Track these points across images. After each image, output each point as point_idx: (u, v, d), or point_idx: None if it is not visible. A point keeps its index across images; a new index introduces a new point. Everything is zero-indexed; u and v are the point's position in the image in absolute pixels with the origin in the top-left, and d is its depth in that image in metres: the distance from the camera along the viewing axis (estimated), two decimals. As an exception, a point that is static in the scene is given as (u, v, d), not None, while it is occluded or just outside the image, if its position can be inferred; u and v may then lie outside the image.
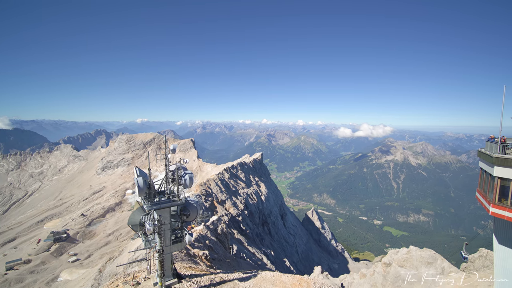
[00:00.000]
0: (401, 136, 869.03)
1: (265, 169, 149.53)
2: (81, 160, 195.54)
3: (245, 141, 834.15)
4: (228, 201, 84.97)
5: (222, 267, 32.94)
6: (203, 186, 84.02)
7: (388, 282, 45.13)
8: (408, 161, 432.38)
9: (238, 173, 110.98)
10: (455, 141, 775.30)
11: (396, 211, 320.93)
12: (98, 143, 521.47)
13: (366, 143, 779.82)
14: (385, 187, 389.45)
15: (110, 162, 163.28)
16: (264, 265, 62.06)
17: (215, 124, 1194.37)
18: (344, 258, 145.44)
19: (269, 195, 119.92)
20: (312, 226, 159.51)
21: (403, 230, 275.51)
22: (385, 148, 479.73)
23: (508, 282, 18.15)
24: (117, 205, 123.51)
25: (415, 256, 45.35)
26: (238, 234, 73.25)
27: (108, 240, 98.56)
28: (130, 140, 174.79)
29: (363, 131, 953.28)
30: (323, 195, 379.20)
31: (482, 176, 20.28)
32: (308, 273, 77.11)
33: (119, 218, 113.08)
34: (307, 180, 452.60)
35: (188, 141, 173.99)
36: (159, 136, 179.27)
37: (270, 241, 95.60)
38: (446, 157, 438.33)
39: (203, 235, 41.97)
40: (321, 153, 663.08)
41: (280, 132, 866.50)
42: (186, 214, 16.56)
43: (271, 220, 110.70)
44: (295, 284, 19.93)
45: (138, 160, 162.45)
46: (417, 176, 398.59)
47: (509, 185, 16.61)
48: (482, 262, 43.41)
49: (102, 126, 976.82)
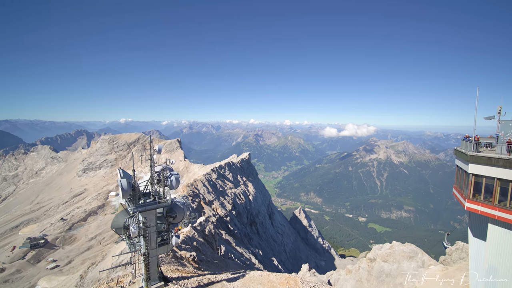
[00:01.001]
0: (384, 135, 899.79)
1: (252, 169, 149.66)
2: (60, 161, 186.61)
3: (233, 141, 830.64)
4: (215, 201, 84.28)
5: (210, 268, 32.62)
6: (190, 187, 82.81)
7: (373, 277, 46.62)
8: (390, 159, 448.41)
9: (225, 173, 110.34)
10: (433, 140, 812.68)
11: (379, 208, 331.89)
12: (79, 144, 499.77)
13: (351, 142, 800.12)
14: (369, 185, 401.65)
15: (92, 164, 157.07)
16: (253, 264, 62.12)
17: (202, 124, 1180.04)
18: (330, 255, 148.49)
19: (257, 195, 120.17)
20: (300, 224, 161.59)
21: (386, 226, 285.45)
22: (369, 147, 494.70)
23: (481, 272, 19.29)
24: (99, 208, 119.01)
25: (397, 251, 47.12)
26: (226, 234, 72.85)
27: (90, 245, 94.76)
28: (113, 141, 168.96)
29: (348, 131, 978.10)
30: (310, 194, 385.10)
31: (458, 173, 21.41)
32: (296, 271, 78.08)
33: (102, 222, 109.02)
34: (295, 180, 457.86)
35: (174, 141, 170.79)
36: (144, 136, 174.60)
37: (258, 241, 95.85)
38: (425, 155, 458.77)
39: (190, 237, 41.36)
40: (308, 153, 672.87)
41: (267, 132, 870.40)
42: (172, 215, 16.26)
43: (259, 219, 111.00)
44: (283, 282, 20.12)
45: (122, 161, 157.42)
46: (399, 174, 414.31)
47: (482, 181, 17.64)
48: (459, 254, 45.83)
49: (83, 126, 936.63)
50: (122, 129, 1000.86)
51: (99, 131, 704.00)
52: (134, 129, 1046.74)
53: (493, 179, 16.97)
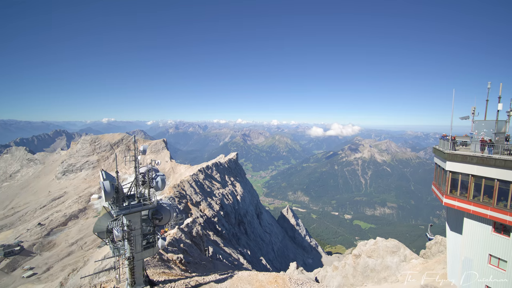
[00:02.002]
0: (368, 134, 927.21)
1: (240, 169, 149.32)
2: (37, 164, 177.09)
3: (220, 141, 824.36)
4: (203, 202, 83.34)
5: (197, 270, 32.21)
6: (177, 188, 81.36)
7: (358, 272, 47.95)
8: (374, 158, 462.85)
9: (213, 174, 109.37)
10: (414, 139, 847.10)
11: (364, 205, 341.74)
12: (58, 145, 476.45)
13: (336, 141, 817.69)
14: (354, 183, 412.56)
15: (72, 165, 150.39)
16: (241, 265, 62.00)
17: (189, 124, 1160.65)
18: (318, 253, 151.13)
19: (244, 195, 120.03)
20: (287, 223, 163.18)
21: (370, 223, 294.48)
22: (354, 146, 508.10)
23: (458, 264, 20.36)
24: (80, 211, 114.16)
25: (381, 247, 48.72)
26: (214, 235, 72.26)
27: (71, 250, 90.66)
28: (95, 141, 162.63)
29: (334, 130, 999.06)
30: (297, 193, 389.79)
31: (436, 171, 22.47)
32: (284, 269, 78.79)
33: (84, 226, 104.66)
34: (282, 179, 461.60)
35: (160, 142, 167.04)
36: (128, 136, 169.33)
37: (247, 241, 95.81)
38: (407, 154, 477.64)
39: (177, 239, 40.63)
40: (295, 152, 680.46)
41: (255, 132, 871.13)
42: (158, 217, 15.91)
43: (247, 219, 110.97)
44: (271, 281, 20.23)
45: (105, 162, 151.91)
46: (383, 172, 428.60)
47: (458, 178, 18.63)
48: (438, 248, 48.10)
49: (62, 126, 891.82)
50: (105, 129, 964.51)
51: (80, 132, 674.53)
52: (117, 129, 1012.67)
53: (468, 175, 17.95)
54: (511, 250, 16.55)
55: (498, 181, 16.34)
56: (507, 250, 16.73)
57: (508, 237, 16.66)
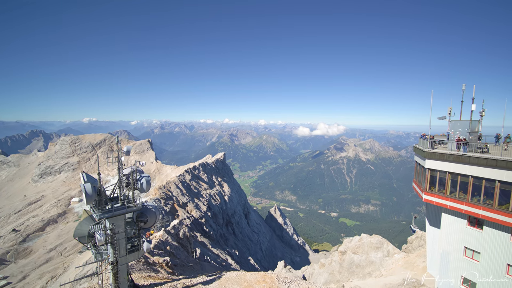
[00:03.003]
0: (352, 134, 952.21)
1: (228, 169, 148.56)
2: (11, 166, 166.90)
3: (207, 141, 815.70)
4: (190, 203, 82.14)
5: (185, 273, 31.70)
6: (163, 189, 79.66)
7: (344, 268, 49.17)
8: (359, 157, 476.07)
9: (200, 174, 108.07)
10: (396, 138, 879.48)
11: (349, 203, 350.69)
12: (34, 146, 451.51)
13: (322, 141, 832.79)
14: (340, 181, 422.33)
15: (51, 168, 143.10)
16: (229, 265, 61.71)
17: (175, 124, 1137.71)
18: (305, 251, 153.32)
19: (232, 195, 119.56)
20: (275, 222, 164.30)
21: (356, 220, 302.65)
22: (339, 145, 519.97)
23: (437, 257, 21.39)
24: (60, 216, 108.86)
25: (366, 243, 50.20)
26: (202, 236, 71.44)
27: (49, 257, 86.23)
28: (75, 142, 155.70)
29: (320, 130, 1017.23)
30: (285, 192, 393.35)
31: (417, 168, 23.46)
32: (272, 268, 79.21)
33: (63, 231, 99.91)
34: (270, 178, 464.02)
35: (145, 142, 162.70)
36: (110, 137, 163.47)
37: (235, 241, 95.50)
38: (389, 153, 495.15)
39: (163, 241, 39.78)
40: (282, 152, 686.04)
41: (242, 132, 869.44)
42: (143, 220, 15.50)
43: (235, 219, 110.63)
44: (259, 281, 20.29)
45: (86, 164, 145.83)
46: (367, 170, 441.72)
47: (437, 175, 19.56)
48: (418, 242, 50.25)
49: (38, 126, 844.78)
50: (86, 129, 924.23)
51: (59, 132, 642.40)
52: (99, 129, 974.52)
53: (445, 173, 18.89)
54: (484, 243, 17.60)
55: (472, 177, 17.32)
56: (480, 242, 17.78)
57: (481, 230, 17.70)
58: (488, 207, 16.54)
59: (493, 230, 17.04)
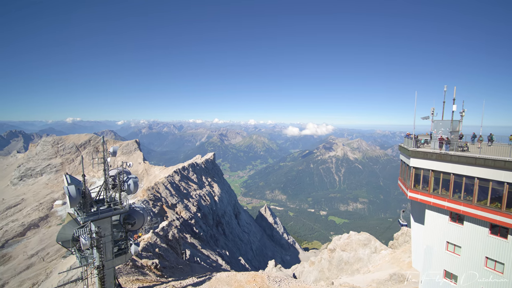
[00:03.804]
0: (341, 133, 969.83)
1: (218, 169, 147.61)
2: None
3: (197, 141, 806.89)
4: (179, 204, 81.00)
5: (174, 275, 31.23)
6: (151, 190, 78.12)
7: (333, 266, 50.00)
8: (347, 156, 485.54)
9: (189, 175, 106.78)
10: (382, 137, 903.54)
11: (338, 202, 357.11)
12: (13, 147, 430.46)
13: (312, 140, 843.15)
14: (329, 180, 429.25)
15: (31, 170, 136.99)
16: (219, 266, 61.35)
17: (163, 124, 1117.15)
18: (295, 250, 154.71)
19: (222, 195, 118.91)
20: (265, 222, 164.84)
21: (344, 218, 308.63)
22: (328, 145, 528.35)
23: (421, 252, 22.16)
24: (42, 220, 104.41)
25: (354, 240, 51.24)
26: (191, 237, 70.64)
27: (31, 263, 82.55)
28: (58, 143, 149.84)
29: (309, 130, 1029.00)
30: (275, 192, 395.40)
31: (402, 167, 24.21)
32: (263, 268, 79.34)
33: (45, 235, 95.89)
34: (260, 178, 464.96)
35: (132, 142, 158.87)
36: (96, 137, 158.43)
37: (225, 241, 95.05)
38: (376, 152, 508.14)
39: (152, 243, 39.02)
40: (272, 151, 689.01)
41: (232, 132, 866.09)
42: (131, 222, 15.15)
43: (225, 220, 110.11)
44: (250, 281, 20.30)
45: (70, 165, 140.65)
46: (355, 169, 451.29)
47: (421, 173, 20.26)
48: (404, 238, 51.82)
49: (18, 126, 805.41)
50: (69, 129, 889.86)
51: (40, 132, 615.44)
52: (83, 129, 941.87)
53: (429, 171, 19.60)
54: (464, 237, 18.42)
55: (453, 175, 18.07)
56: (461, 237, 18.60)
57: (462, 225, 18.51)
58: (468, 203, 17.31)
59: (472, 225, 17.86)
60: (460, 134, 20.82)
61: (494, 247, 16.86)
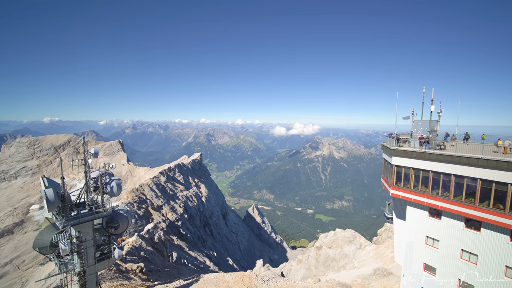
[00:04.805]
0: (326, 133, 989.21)
1: (205, 170, 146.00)
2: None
3: (183, 142, 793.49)
4: (165, 206, 79.35)
5: (160, 278, 30.55)
6: (136, 192, 75.97)
7: (320, 263, 50.89)
8: (333, 155, 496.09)
9: (176, 176, 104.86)
10: (366, 136, 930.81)
11: (324, 200, 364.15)
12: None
13: (299, 140, 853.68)
14: (316, 179, 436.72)
15: (5, 173, 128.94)
16: (207, 267, 60.72)
17: (148, 124, 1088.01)
18: (283, 248, 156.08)
19: (210, 196, 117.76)
20: (253, 222, 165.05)
21: (330, 216, 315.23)
22: (315, 144, 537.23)
23: (403, 247, 23.07)
24: (17, 225, 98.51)
25: (340, 237, 52.39)
26: (178, 239, 69.44)
27: (4, 272, 77.71)
28: (34, 144, 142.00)
29: (296, 129, 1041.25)
30: (262, 191, 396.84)
31: (385, 165, 25.07)
32: (251, 268, 79.34)
33: (21, 242, 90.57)
34: (247, 178, 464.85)
35: (115, 143, 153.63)
36: (76, 138, 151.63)
37: (213, 242, 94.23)
38: (360, 151, 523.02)
39: (136, 247, 37.95)
40: (259, 151, 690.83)
41: (219, 132, 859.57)
42: (114, 226, 14.65)
43: (213, 221, 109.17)
44: (238, 281, 20.25)
45: (48, 167, 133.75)
46: (340, 168, 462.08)
47: (402, 171, 21.09)
48: (387, 234, 53.59)
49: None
50: (47, 130, 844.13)
51: (14, 133, 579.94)
52: (63, 129, 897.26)
53: (409, 168, 20.45)
54: (442, 231, 19.39)
55: (432, 172, 18.97)
56: (439, 231, 19.57)
57: (440, 220, 19.47)
58: (446, 198, 18.24)
59: (449, 220, 18.84)
60: (437, 133, 21.92)
61: (468, 240, 17.88)
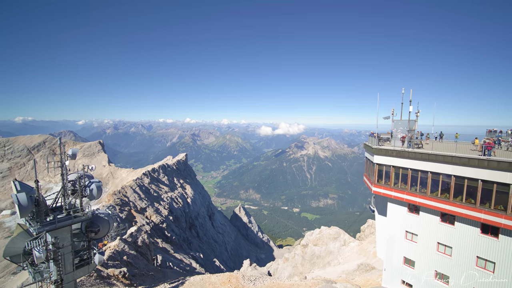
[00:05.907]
0: (312, 133, 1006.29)
1: (190, 170, 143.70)
2: None
3: (167, 142, 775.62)
4: (149, 208, 77.22)
5: (144, 283, 29.70)
6: (117, 194, 73.32)
7: (306, 260, 51.71)
8: (318, 154, 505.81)
9: (160, 177, 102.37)
10: (350, 136, 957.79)
11: (310, 198, 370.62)
12: None
13: (284, 140, 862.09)
14: (301, 178, 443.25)
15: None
16: (193, 269, 59.81)
17: (130, 124, 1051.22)
18: (270, 247, 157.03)
19: (195, 197, 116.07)
20: (240, 222, 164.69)
21: (316, 214, 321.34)
22: (300, 144, 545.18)
23: (384, 242, 23.97)
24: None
25: (325, 235, 53.49)
26: (163, 242, 67.87)
27: (-28, 283, 72.19)
28: (5, 145, 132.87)
29: (281, 129, 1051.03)
30: (249, 191, 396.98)
31: (367, 163, 25.92)
32: (238, 268, 79.07)
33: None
34: (234, 178, 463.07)
35: (95, 144, 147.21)
36: (52, 138, 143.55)
37: (199, 244, 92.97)
38: (344, 150, 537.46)
39: (119, 251, 36.62)
40: (246, 151, 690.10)
41: (205, 131, 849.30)
42: (94, 230, 14.02)
43: (199, 222, 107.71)
44: (224, 282, 20.11)
45: (20, 170, 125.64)
46: (325, 167, 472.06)
47: (383, 169, 21.90)
48: (370, 230, 55.42)
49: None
50: (19, 130, 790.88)
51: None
52: (37, 130, 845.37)
53: (390, 166, 21.28)
54: (420, 226, 20.37)
55: (411, 169, 19.87)
56: (417, 226, 20.54)
57: (418, 215, 20.43)
58: (423, 195, 19.17)
59: (426, 215, 19.83)
60: (417, 132, 23.00)
61: (444, 233, 18.91)
